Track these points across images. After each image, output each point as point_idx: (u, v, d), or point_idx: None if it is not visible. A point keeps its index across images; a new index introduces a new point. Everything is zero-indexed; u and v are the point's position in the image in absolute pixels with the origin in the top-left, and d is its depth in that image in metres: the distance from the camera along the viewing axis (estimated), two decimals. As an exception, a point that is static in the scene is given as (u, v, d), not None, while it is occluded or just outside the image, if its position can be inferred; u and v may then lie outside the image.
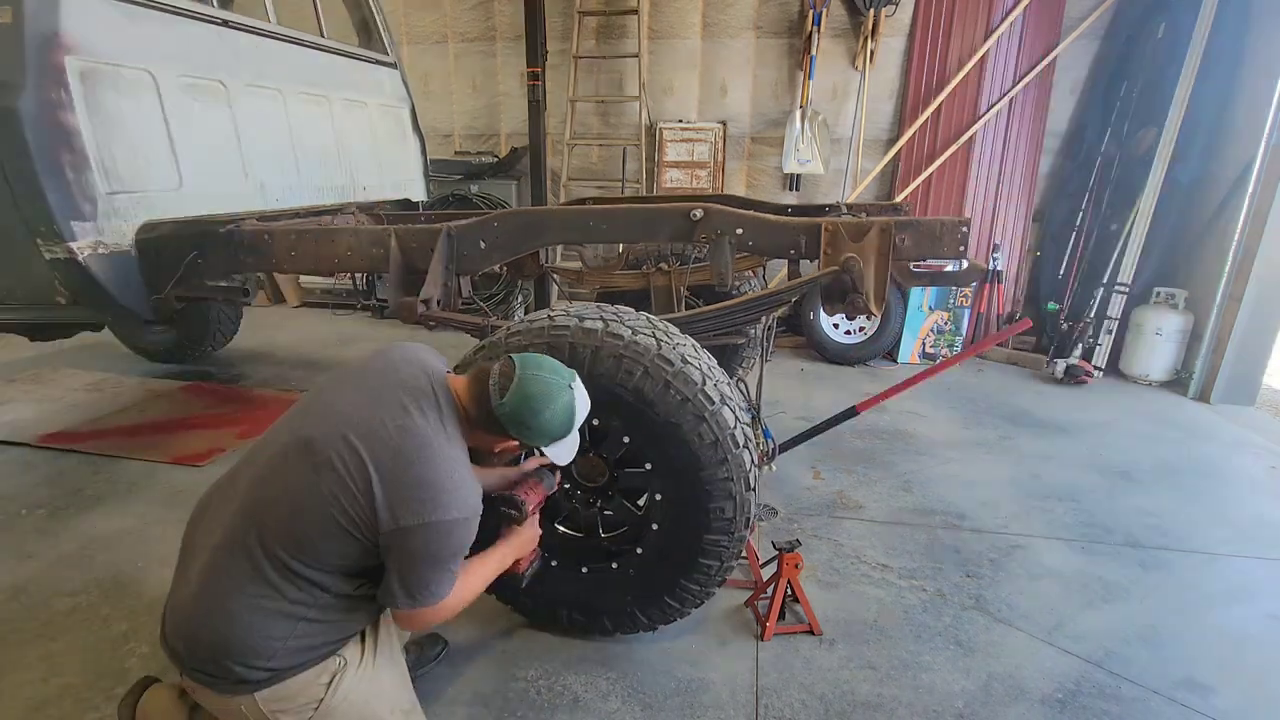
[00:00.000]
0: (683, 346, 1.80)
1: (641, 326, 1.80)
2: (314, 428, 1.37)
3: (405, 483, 1.31)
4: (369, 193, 3.96)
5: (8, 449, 3.36)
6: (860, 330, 5.08)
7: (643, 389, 1.71)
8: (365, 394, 1.42)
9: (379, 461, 1.31)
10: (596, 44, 5.65)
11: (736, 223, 2.21)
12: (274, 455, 1.39)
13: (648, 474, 1.83)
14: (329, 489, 1.30)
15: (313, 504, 1.31)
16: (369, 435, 1.33)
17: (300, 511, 1.32)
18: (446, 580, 1.39)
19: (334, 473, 1.30)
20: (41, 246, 2.38)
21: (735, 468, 1.76)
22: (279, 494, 1.34)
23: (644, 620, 1.98)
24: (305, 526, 1.31)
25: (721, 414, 1.74)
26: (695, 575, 1.88)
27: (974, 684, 1.97)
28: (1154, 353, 4.62)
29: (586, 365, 1.73)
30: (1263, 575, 2.54)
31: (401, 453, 1.32)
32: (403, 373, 1.46)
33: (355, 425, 1.34)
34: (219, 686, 1.35)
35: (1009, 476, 3.27)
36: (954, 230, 2.12)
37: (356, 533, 1.32)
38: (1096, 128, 4.99)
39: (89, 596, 2.28)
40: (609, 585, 1.97)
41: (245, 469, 1.44)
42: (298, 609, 1.34)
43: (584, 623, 2.04)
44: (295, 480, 1.33)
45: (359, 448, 1.31)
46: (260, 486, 1.36)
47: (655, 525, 1.87)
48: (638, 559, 1.92)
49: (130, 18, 2.61)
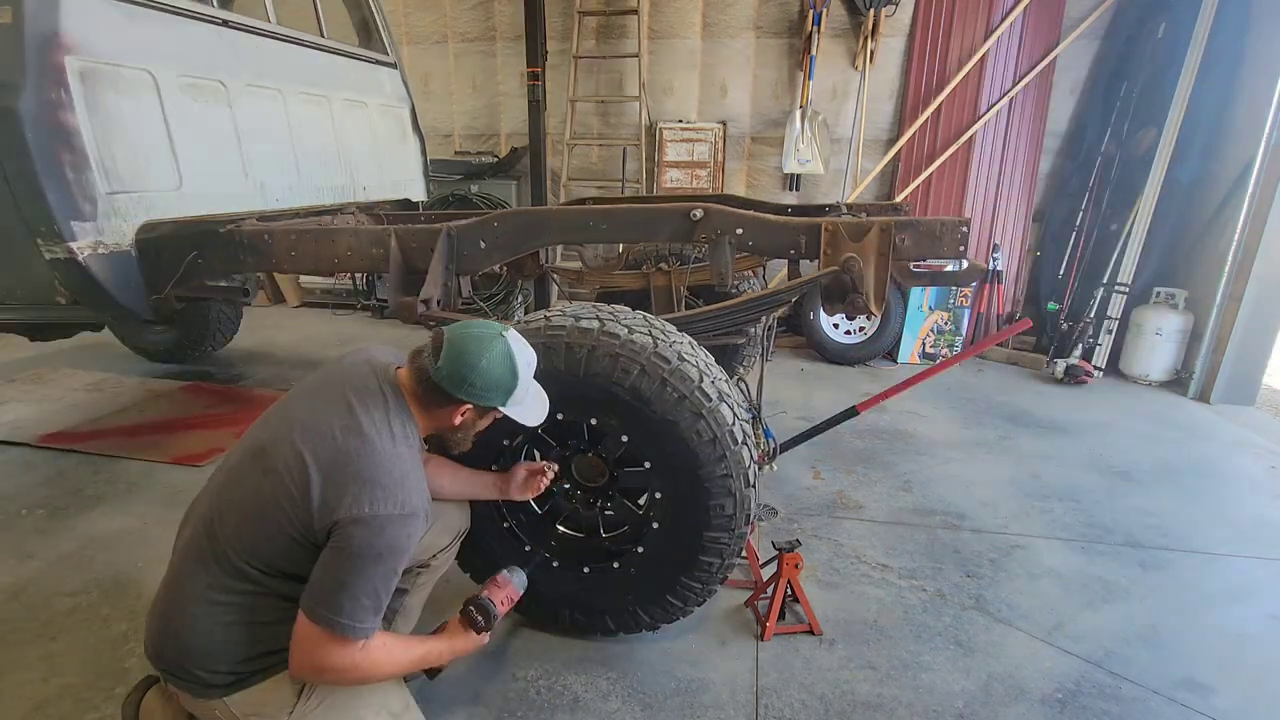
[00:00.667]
0: (679, 344, 1.80)
1: (638, 325, 1.80)
2: (268, 436, 1.40)
3: (342, 479, 1.31)
4: (369, 193, 3.96)
5: (8, 449, 3.36)
6: (860, 330, 5.08)
7: (639, 387, 1.71)
8: (317, 400, 1.44)
9: (319, 462, 1.32)
10: (596, 44, 5.66)
11: (736, 223, 2.21)
12: (234, 464, 1.43)
13: (647, 473, 1.83)
14: (272, 493, 1.32)
15: (259, 509, 1.33)
16: (314, 439, 1.35)
17: (249, 517, 1.34)
18: (361, 602, 1.28)
19: (277, 476, 1.32)
20: (41, 246, 2.38)
21: (734, 464, 1.75)
22: (233, 500, 1.37)
23: (646, 619, 1.98)
24: (254, 531, 1.33)
25: (719, 411, 1.73)
26: (697, 573, 1.88)
27: (974, 684, 1.97)
28: (1154, 353, 4.62)
29: (583, 364, 1.73)
30: (1263, 575, 2.54)
31: (342, 452, 1.33)
32: (351, 375, 1.47)
33: (303, 430, 1.37)
34: (191, 690, 1.37)
35: (1009, 476, 3.27)
36: (954, 230, 2.12)
37: (299, 536, 1.32)
38: (1096, 128, 4.99)
39: (89, 596, 2.28)
40: (610, 585, 1.97)
41: (215, 477, 1.48)
42: (254, 614, 1.36)
43: (585, 623, 2.04)
44: (247, 486, 1.37)
45: (303, 451, 1.33)
46: (219, 494, 1.41)
47: (656, 524, 1.87)
48: (639, 558, 1.92)
49: (130, 18, 2.61)
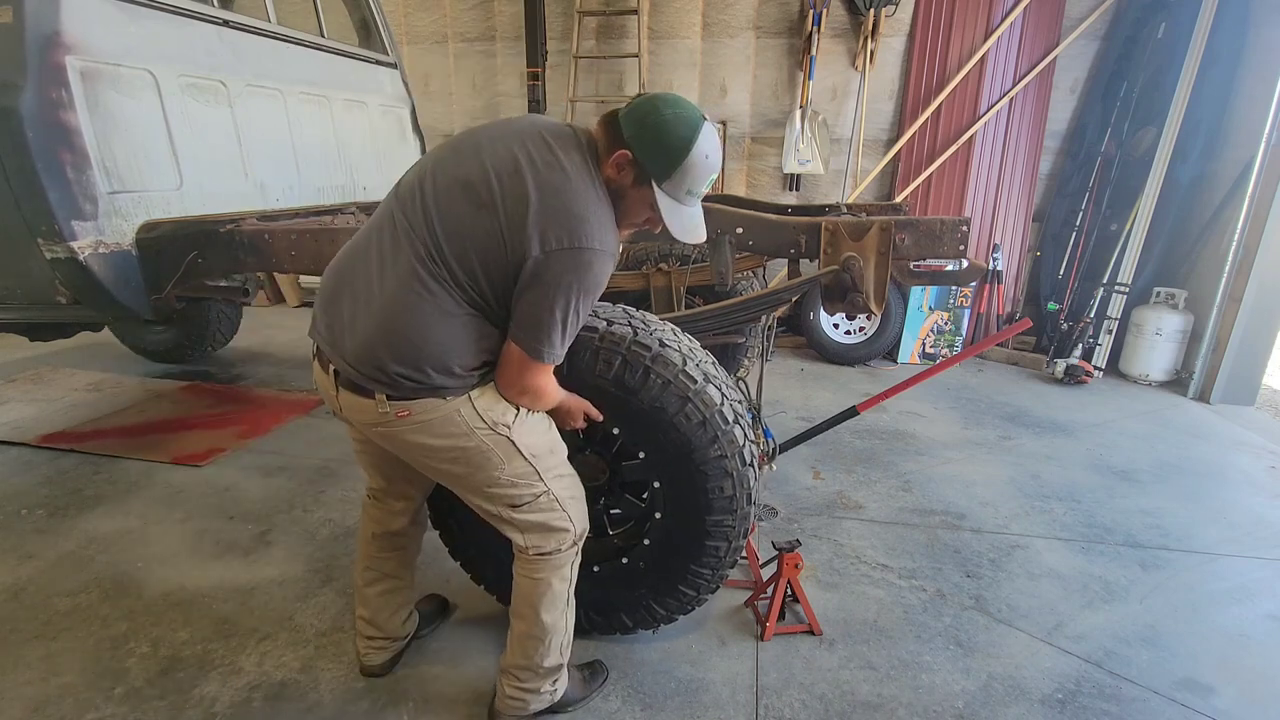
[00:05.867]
0: (660, 332, 1.79)
1: (617, 317, 1.80)
2: (470, 171, 1.40)
3: (554, 210, 1.34)
4: (369, 193, 3.96)
5: (8, 449, 3.36)
6: (860, 330, 5.08)
7: (623, 378, 1.70)
8: (513, 140, 1.43)
9: (538, 192, 1.35)
10: (596, 44, 5.66)
11: (737, 221, 2.21)
12: (437, 196, 1.41)
13: (644, 464, 1.83)
14: (490, 226, 1.35)
15: (483, 242, 1.36)
16: (525, 171, 1.37)
17: (474, 249, 1.37)
18: (559, 332, 1.39)
19: (493, 210, 1.35)
20: (42, 246, 2.38)
21: (728, 444, 1.75)
22: (453, 232, 1.38)
23: (661, 612, 1.96)
24: (476, 258, 1.37)
25: (706, 393, 1.73)
26: (705, 559, 1.86)
27: (974, 684, 1.97)
28: (1154, 353, 4.62)
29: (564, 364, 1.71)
30: (1263, 575, 2.54)
31: (552, 185, 1.36)
32: (540, 121, 1.50)
33: (506, 169, 1.38)
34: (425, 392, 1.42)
35: (1009, 476, 3.27)
36: (954, 229, 2.12)
37: (512, 259, 1.36)
38: (1096, 128, 4.99)
39: (89, 596, 2.28)
40: (622, 581, 1.96)
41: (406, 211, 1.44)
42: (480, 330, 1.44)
43: (602, 622, 2.02)
44: (464, 219, 1.38)
45: (514, 189, 1.36)
46: (430, 231, 1.39)
47: (659, 514, 1.87)
48: (646, 550, 1.91)
49: (131, 17, 2.61)
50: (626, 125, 1.42)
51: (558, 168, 1.38)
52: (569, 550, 1.65)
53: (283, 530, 2.68)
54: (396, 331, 1.39)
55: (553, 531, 1.62)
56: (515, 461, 1.53)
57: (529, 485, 1.56)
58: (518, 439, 1.51)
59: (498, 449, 1.50)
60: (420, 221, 1.40)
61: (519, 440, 1.52)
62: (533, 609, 1.66)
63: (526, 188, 1.35)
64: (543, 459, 1.57)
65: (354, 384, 1.45)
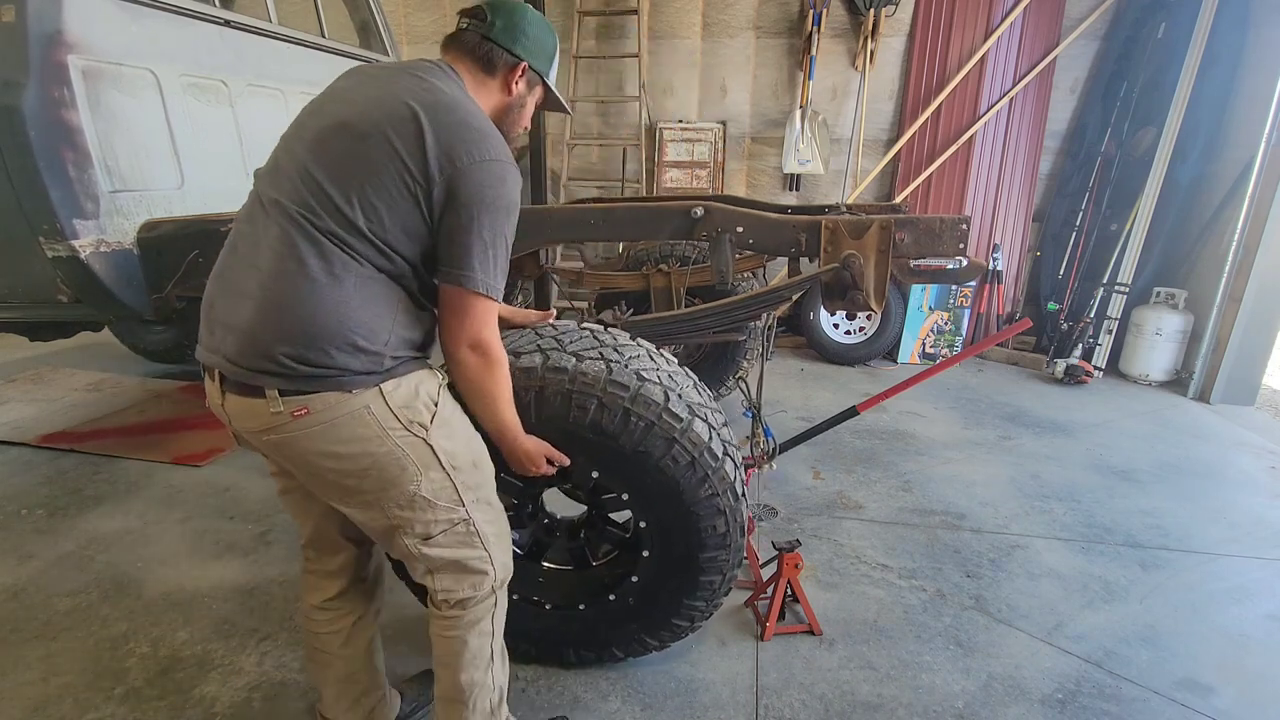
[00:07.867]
0: (637, 360, 1.64)
1: (586, 349, 1.62)
2: (343, 113, 1.27)
3: (450, 124, 1.24)
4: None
5: (8, 449, 3.36)
6: (860, 330, 5.08)
7: (600, 422, 1.56)
8: (378, 79, 1.34)
9: (425, 109, 1.24)
10: (596, 44, 5.66)
11: (737, 220, 2.21)
12: (310, 149, 1.27)
13: (628, 503, 1.71)
14: (379, 155, 1.22)
15: (372, 174, 1.22)
16: (400, 102, 1.25)
17: (366, 182, 1.22)
18: (490, 259, 1.27)
19: (380, 136, 1.22)
20: (44, 244, 2.38)
21: (719, 481, 1.63)
22: (333, 176, 1.23)
23: (654, 644, 1.91)
24: (374, 194, 1.22)
25: (693, 430, 1.59)
26: (699, 593, 1.80)
27: (974, 684, 1.97)
28: (1154, 353, 4.63)
29: (533, 410, 1.55)
30: (1262, 575, 2.55)
31: (440, 102, 1.27)
32: (399, 63, 1.41)
33: (383, 101, 1.26)
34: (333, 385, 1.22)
35: (1009, 476, 3.27)
36: (954, 228, 2.12)
37: (416, 189, 1.23)
38: (1096, 128, 5.00)
39: (89, 596, 2.28)
40: (611, 618, 1.88)
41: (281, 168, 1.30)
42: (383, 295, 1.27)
43: (594, 657, 1.96)
44: (344, 156, 1.24)
45: (397, 112, 1.24)
46: (305, 177, 1.24)
47: (646, 552, 1.77)
48: (635, 587, 1.82)
49: (133, 17, 2.61)
50: (509, 40, 1.40)
51: (437, 89, 1.30)
52: (486, 600, 1.43)
53: (283, 530, 2.68)
54: (281, 306, 1.20)
55: (467, 573, 1.40)
56: (432, 472, 1.31)
57: (447, 509, 1.34)
58: (435, 442, 1.31)
59: (413, 454, 1.29)
60: (295, 183, 1.24)
61: (436, 444, 1.31)
62: (449, 670, 1.44)
63: (413, 110, 1.23)
64: (464, 473, 1.36)
65: (241, 384, 1.23)
